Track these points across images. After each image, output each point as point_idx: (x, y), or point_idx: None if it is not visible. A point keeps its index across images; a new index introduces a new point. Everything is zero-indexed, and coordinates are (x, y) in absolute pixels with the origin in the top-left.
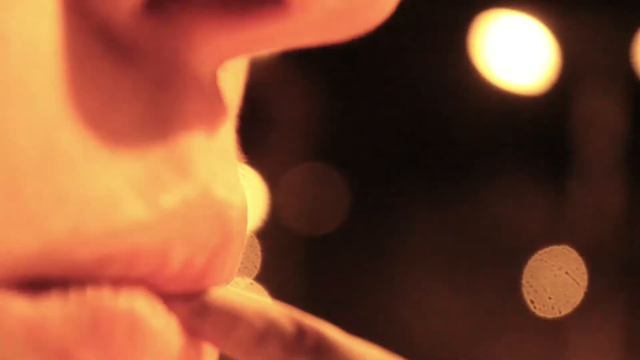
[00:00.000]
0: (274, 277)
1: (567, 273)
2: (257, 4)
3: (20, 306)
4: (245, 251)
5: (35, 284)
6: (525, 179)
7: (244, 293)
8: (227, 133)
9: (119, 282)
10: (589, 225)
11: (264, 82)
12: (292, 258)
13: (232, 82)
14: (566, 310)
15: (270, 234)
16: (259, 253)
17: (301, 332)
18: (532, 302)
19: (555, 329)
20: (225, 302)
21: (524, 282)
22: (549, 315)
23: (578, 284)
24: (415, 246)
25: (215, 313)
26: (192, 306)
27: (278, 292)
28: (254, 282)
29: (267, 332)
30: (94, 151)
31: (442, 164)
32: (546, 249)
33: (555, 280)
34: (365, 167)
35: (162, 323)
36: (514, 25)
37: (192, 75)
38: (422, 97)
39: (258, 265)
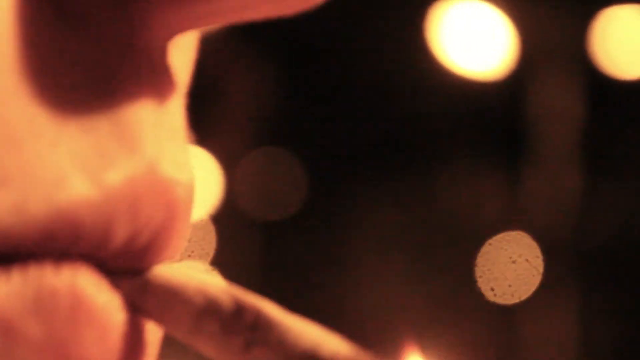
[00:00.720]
0: (230, 262)
1: (522, 258)
2: None
3: None
4: (200, 235)
5: None
6: (481, 165)
7: (187, 271)
8: (175, 110)
9: (62, 257)
10: (543, 211)
11: (220, 63)
12: (248, 243)
13: (181, 59)
14: (521, 296)
15: (226, 219)
16: (214, 237)
17: (240, 309)
18: (489, 288)
19: (510, 315)
20: (166, 280)
21: (478, 268)
22: (504, 301)
23: (533, 269)
24: (371, 232)
25: (155, 290)
26: (134, 283)
27: (234, 277)
28: (209, 267)
29: (206, 309)
30: (40, 127)
31: (398, 151)
32: (501, 235)
33: (510, 267)
34: (323, 152)
35: (104, 298)
36: (471, 12)
37: (141, 49)
38: (379, 82)
39: (213, 250)
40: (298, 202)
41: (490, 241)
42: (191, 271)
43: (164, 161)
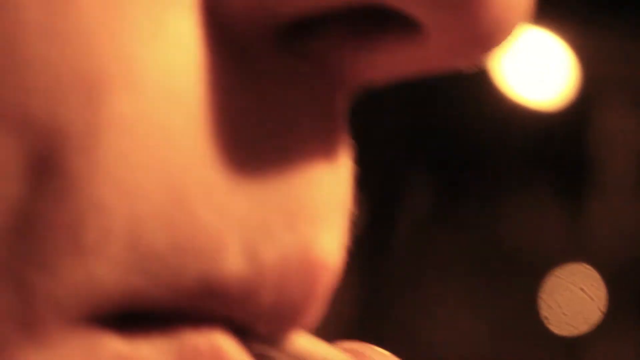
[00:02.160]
0: None
1: (582, 290)
2: (394, 30)
3: (115, 343)
4: None
5: (125, 318)
6: (544, 195)
7: (316, 340)
8: (344, 180)
9: (203, 319)
10: (607, 243)
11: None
12: None
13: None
14: (583, 328)
15: None
16: None
17: None
18: (548, 319)
19: (573, 347)
20: (300, 348)
21: (541, 299)
22: (567, 333)
23: (594, 301)
24: (434, 260)
25: (289, 357)
26: (269, 348)
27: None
28: None
29: None
30: (213, 193)
31: (461, 180)
32: (564, 267)
33: (572, 298)
34: (387, 181)
35: None
36: (533, 41)
37: (321, 109)
38: (441, 112)
39: None
40: (358, 228)
41: (554, 272)
42: (319, 343)
43: (319, 242)
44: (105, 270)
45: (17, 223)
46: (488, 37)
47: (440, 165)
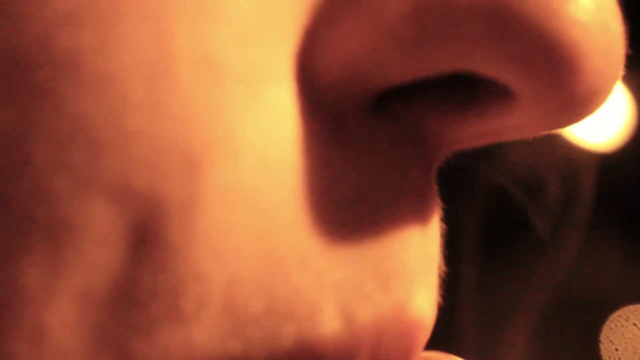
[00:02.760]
0: None
1: (635, 325)
2: (487, 99)
3: None
4: None
5: None
6: (604, 236)
7: None
8: (434, 238)
9: None
10: None
11: None
12: None
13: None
14: None
15: None
16: None
17: None
18: (606, 358)
19: None
20: None
21: (602, 340)
22: None
23: None
24: (491, 301)
25: None
26: None
27: None
28: None
29: None
30: (309, 258)
31: (521, 221)
32: (625, 308)
33: (625, 334)
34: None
35: None
36: None
37: (412, 172)
38: (501, 155)
39: None
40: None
41: (614, 315)
42: None
43: (412, 301)
44: (203, 336)
45: (118, 290)
46: (582, 105)
47: (501, 208)
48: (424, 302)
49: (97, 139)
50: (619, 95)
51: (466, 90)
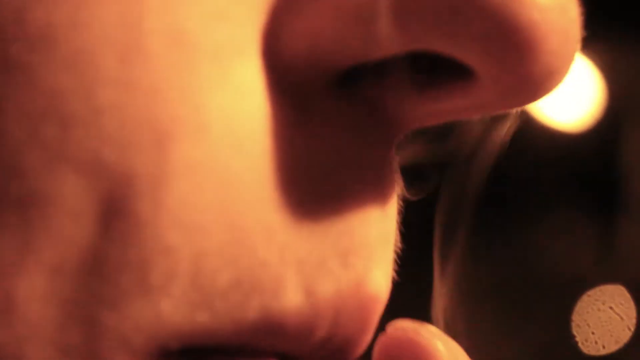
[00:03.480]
0: None
1: (611, 308)
2: (447, 78)
3: None
4: None
5: (187, 353)
6: (575, 217)
7: None
8: (392, 214)
9: (264, 354)
10: (638, 263)
11: None
12: None
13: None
14: (612, 347)
15: None
16: None
17: None
18: (582, 340)
19: None
20: None
21: (573, 320)
22: (595, 352)
23: (624, 320)
24: (464, 284)
25: None
26: None
27: None
28: None
29: None
30: (274, 233)
31: (490, 202)
32: (596, 288)
33: (601, 317)
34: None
35: None
36: None
37: (374, 150)
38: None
39: None
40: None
41: (586, 294)
42: None
43: (371, 277)
44: (171, 307)
45: (87, 264)
46: (540, 84)
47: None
48: (380, 278)
49: (69, 114)
50: (588, 74)
51: (428, 70)
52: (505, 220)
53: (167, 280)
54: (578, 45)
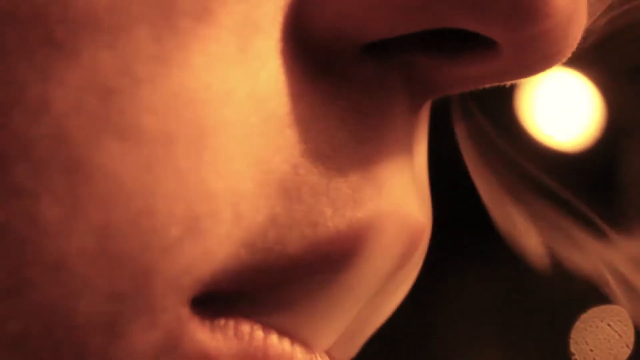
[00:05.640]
0: None
1: (610, 326)
2: (470, 46)
3: (201, 335)
4: None
5: (208, 301)
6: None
7: None
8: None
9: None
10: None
11: None
12: None
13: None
14: None
15: None
16: None
17: None
18: (580, 358)
19: None
20: None
21: (571, 338)
22: None
23: (622, 338)
24: (462, 300)
25: None
26: None
27: None
28: None
29: None
30: (304, 176)
31: (487, 221)
32: (596, 309)
33: (599, 335)
34: None
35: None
36: (559, 81)
37: (398, 106)
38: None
39: None
40: None
41: (585, 314)
42: None
43: (409, 203)
44: (217, 246)
45: (135, 221)
46: (556, 49)
47: (467, 206)
48: (416, 208)
49: (110, 87)
50: (587, 93)
51: (452, 39)
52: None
53: (212, 222)
54: (585, 10)
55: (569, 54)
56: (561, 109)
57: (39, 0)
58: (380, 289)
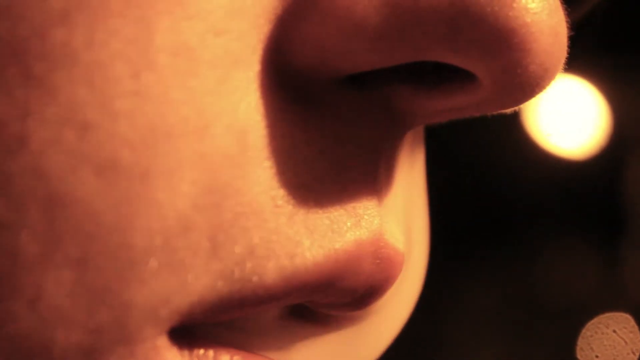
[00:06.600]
0: None
1: (615, 332)
2: (451, 77)
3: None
4: None
5: (183, 331)
6: (579, 244)
7: None
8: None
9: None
10: None
11: None
12: None
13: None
14: None
15: None
16: None
17: None
18: None
19: None
20: None
21: (577, 344)
22: None
23: (628, 344)
24: (468, 306)
25: None
26: None
27: None
28: None
29: None
30: (280, 205)
31: (494, 229)
32: (601, 316)
33: (605, 341)
34: None
35: None
36: (565, 88)
37: (378, 136)
38: (473, 160)
39: None
40: None
41: (590, 322)
42: None
43: (387, 229)
44: (194, 278)
45: (112, 254)
46: (535, 82)
47: (472, 214)
48: (396, 238)
49: (88, 121)
50: (592, 101)
51: (433, 71)
52: (510, 246)
53: (189, 254)
54: (566, 46)
55: (552, 79)
56: (567, 116)
57: (18, 36)
58: (363, 318)
